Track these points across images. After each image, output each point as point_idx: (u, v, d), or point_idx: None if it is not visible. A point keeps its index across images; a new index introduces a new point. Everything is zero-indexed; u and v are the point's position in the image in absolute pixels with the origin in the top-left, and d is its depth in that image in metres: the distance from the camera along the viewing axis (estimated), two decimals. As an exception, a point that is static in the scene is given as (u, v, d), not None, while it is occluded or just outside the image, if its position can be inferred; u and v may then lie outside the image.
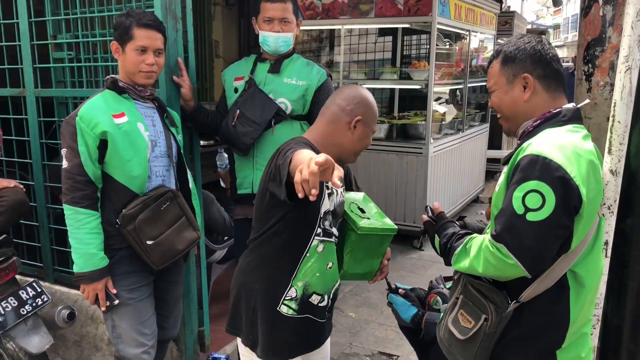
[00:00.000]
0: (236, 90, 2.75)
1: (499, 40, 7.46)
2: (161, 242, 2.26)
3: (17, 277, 2.67)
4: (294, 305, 1.86)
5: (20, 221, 3.01)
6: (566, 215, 1.41)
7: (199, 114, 2.73)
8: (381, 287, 4.42)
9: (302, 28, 2.95)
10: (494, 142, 8.03)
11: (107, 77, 2.28)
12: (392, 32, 6.63)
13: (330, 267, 1.91)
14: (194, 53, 2.78)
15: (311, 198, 1.30)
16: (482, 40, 7.18)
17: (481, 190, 7.20)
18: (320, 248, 1.86)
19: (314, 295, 1.88)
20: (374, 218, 1.91)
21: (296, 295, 1.85)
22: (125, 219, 2.18)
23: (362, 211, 1.93)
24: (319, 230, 1.84)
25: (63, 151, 2.19)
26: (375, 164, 5.39)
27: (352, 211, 1.92)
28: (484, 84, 7.55)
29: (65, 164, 2.17)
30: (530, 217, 1.40)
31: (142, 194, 2.24)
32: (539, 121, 1.57)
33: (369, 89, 7.61)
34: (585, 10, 2.20)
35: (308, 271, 1.85)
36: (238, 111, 2.66)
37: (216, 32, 7.82)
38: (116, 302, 2.23)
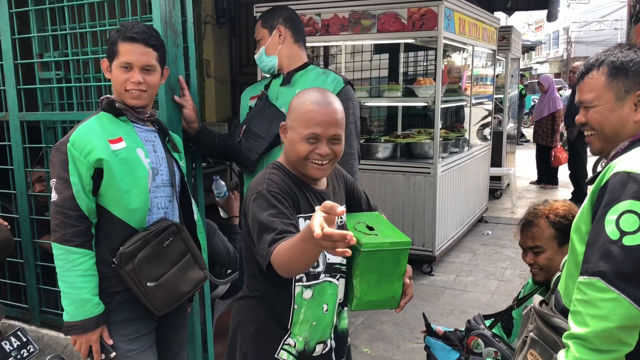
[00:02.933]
0: (250, 109, 2.53)
1: (497, 57, 7.30)
2: (164, 283, 1.98)
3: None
4: (294, 352, 1.68)
5: (3, 259, 2.72)
6: None
7: (204, 137, 2.48)
8: (395, 318, 4.14)
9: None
10: (494, 160, 7.85)
11: (102, 97, 2.01)
12: (391, 48, 6.44)
13: (326, 311, 1.70)
14: (195, 70, 2.54)
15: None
16: (484, 55, 7.01)
17: (485, 210, 6.98)
18: (307, 294, 1.66)
19: (317, 345, 1.72)
20: (383, 234, 1.64)
21: (296, 346, 1.68)
22: (123, 257, 1.91)
23: (371, 229, 1.67)
24: (300, 275, 1.65)
25: (52, 182, 1.91)
26: (380, 184, 5.14)
27: (356, 229, 1.65)
28: (487, 100, 7.29)
29: (54, 196, 1.90)
30: (628, 241, 1.21)
31: (142, 229, 1.98)
32: (634, 140, 1.36)
33: (372, 107, 7.28)
34: (636, 16, 2.03)
35: (303, 325, 1.67)
36: (245, 126, 2.44)
37: (207, 52, 7.64)
38: (113, 354, 1.95)
